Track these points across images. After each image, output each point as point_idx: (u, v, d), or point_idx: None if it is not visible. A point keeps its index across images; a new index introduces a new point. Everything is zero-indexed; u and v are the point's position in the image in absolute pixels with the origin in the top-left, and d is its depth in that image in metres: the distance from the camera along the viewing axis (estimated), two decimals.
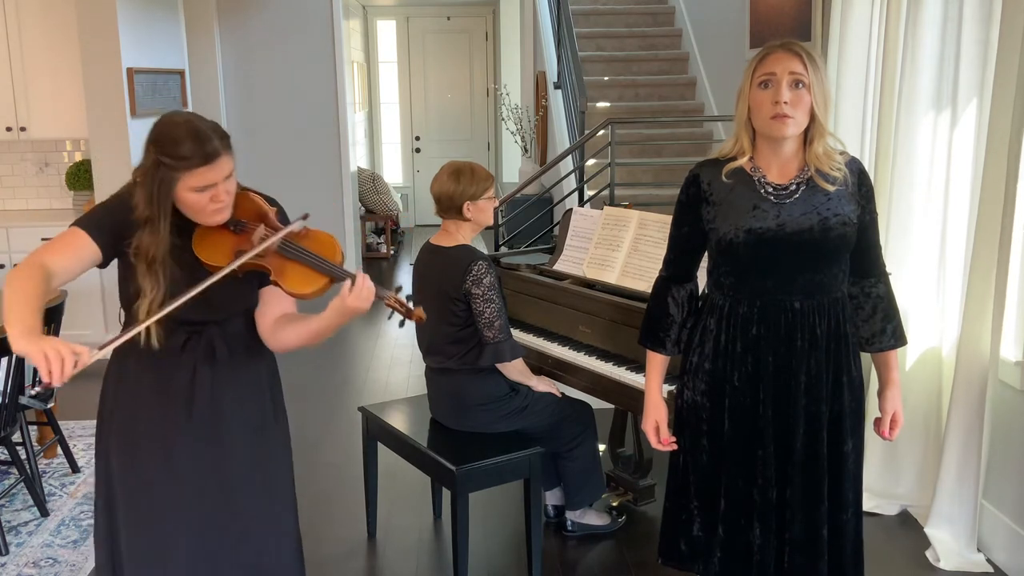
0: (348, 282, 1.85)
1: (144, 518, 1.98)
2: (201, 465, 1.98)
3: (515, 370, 2.92)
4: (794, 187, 1.99)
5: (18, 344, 1.67)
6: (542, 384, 3.01)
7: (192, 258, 1.88)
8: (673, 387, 2.51)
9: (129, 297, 1.92)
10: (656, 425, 2.20)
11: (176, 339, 1.93)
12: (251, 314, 2.04)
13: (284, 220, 2.01)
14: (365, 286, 1.85)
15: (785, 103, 1.91)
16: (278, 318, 2.01)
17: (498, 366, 2.89)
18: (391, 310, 1.95)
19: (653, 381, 2.21)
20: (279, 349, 2.04)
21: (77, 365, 1.69)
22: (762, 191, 2.00)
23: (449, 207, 2.89)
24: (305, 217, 1.95)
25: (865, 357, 2.18)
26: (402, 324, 1.99)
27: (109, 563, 2.05)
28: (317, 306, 1.92)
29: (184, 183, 1.81)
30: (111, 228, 1.87)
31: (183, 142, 1.79)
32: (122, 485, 1.99)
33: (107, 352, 1.78)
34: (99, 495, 2.06)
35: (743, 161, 2.02)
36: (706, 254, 2.15)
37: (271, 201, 2.04)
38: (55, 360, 1.65)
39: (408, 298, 1.97)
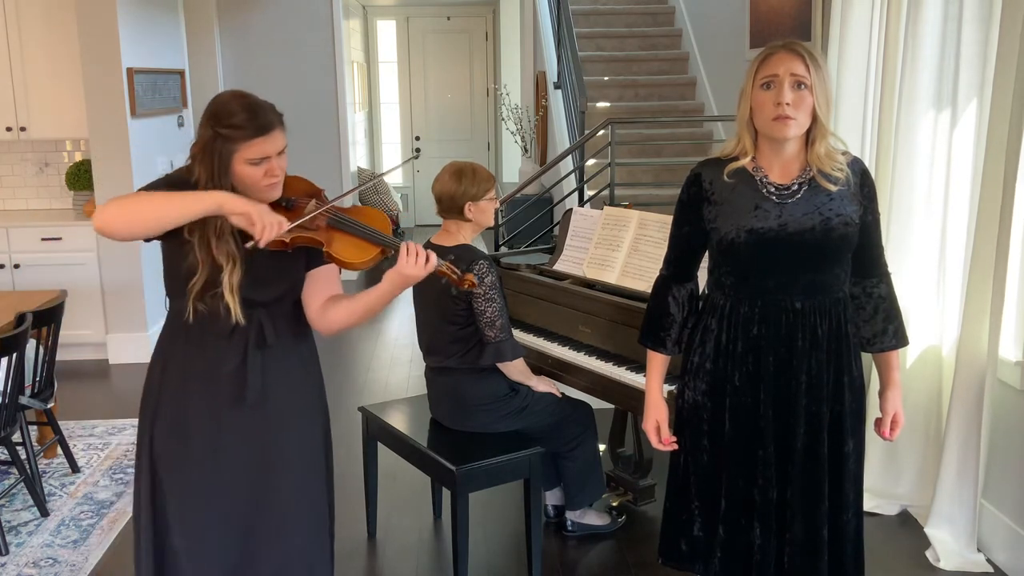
0: (404, 250, 1.92)
1: (192, 504, 1.99)
2: (249, 449, 2.01)
3: (516, 370, 2.92)
4: (796, 187, 1.99)
5: (233, 205, 1.81)
6: (542, 384, 3.01)
7: (247, 237, 1.91)
8: (673, 387, 2.52)
9: (179, 277, 1.93)
10: (657, 425, 2.20)
11: (225, 323, 1.94)
12: (295, 299, 2.06)
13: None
14: (420, 253, 1.92)
15: (787, 104, 1.91)
16: (326, 300, 2.04)
17: (499, 366, 2.89)
18: (443, 277, 2.03)
19: (653, 381, 2.21)
20: (329, 329, 2.06)
21: (280, 230, 1.84)
22: (764, 191, 2.00)
23: (450, 207, 2.90)
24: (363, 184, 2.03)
25: (866, 357, 2.18)
26: (456, 292, 2.05)
27: (151, 553, 2.04)
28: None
29: (241, 155, 1.87)
30: (167, 188, 1.90)
31: (239, 114, 1.86)
32: (168, 472, 2.00)
33: (307, 219, 1.90)
34: (141, 492, 2.04)
35: (745, 161, 2.02)
36: (707, 254, 2.15)
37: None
38: (268, 226, 1.80)
39: (458, 265, 2.01)
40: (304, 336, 2.11)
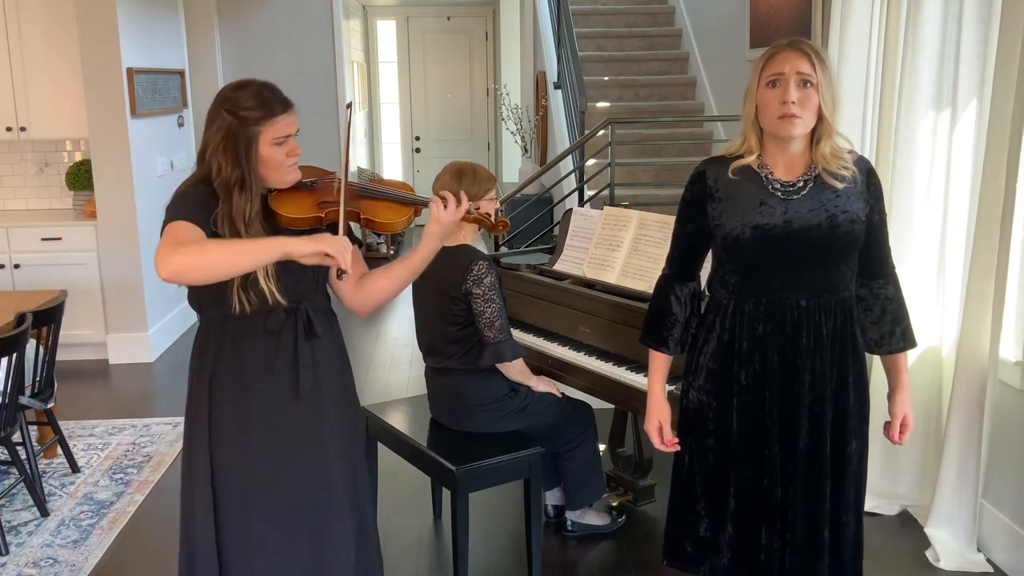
0: (435, 203, 2.03)
1: (259, 503, 2.00)
2: (307, 442, 2.02)
3: (515, 370, 2.92)
4: (802, 184, 1.99)
5: (301, 248, 1.80)
6: (542, 384, 3.01)
7: (272, 226, 1.94)
8: (674, 387, 2.51)
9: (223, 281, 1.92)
10: (659, 425, 2.18)
11: (274, 319, 1.96)
12: (326, 289, 2.10)
13: None
14: (450, 199, 2.03)
15: (793, 103, 1.91)
16: (359, 279, 2.09)
17: (498, 366, 2.89)
18: (477, 224, 2.18)
19: (656, 381, 2.20)
20: (370, 304, 2.11)
21: (351, 248, 1.87)
22: (769, 187, 1.99)
23: None
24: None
25: (871, 359, 2.17)
26: (494, 237, 2.14)
27: (213, 549, 2.02)
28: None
29: (265, 135, 1.90)
30: (201, 209, 1.89)
31: (259, 94, 1.91)
32: (231, 472, 1.99)
33: (343, 203, 1.94)
34: (195, 482, 2.02)
35: (750, 159, 2.02)
36: (709, 253, 2.14)
37: None
38: (343, 251, 1.82)
39: (497, 211, 2.21)
40: (338, 327, 2.15)
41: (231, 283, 1.90)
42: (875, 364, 2.29)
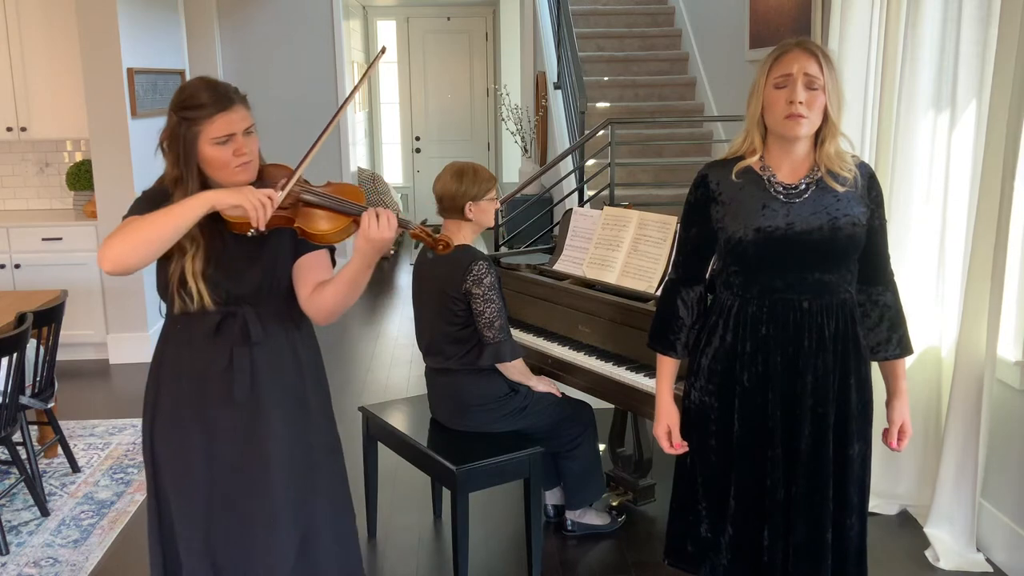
0: (366, 216, 1.88)
1: (189, 502, 2.00)
2: (242, 448, 2.00)
3: (515, 370, 2.92)
4: (804, 187, 1.99)
5: (224, 199, 1.82)
6: (542, 384, 3.01)
7: (219, 228, 1.91)
8: (676, 386, 2.51)
9: (167, 276, 1.93)
10: (668, 430, 2.18)
11: (210, 322, 1.95)
12: (281, 292, 2.03)
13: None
14: (383, 213, 1.88)
15: (800, 103, 1.91)
16: (315, 287, 2.01)
17: (498, 366, 2.90)
18: (417, 240, 2.00)
19: (664, 385, 2.19)
20: (321, 313, 2.01)
21: (274, 204, 1.85)
22: (772, 190, 2.00)
23: (451, 207, 2.90)
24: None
25: (872, 364, 2.18)
26: (431, 255, 2.01)
27: (160, 554, 2.06)
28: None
29: (206, 135, 1.88)
30: (151, 205, 1.90)
31: (199, 93, 1.89)
32: (168, 473, 2.01)
33: (290, 188, 1.90)
34: (148, 488, 2.07)
35: (753, 161, 2.02)
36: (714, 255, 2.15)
37: None
38: (260, 206, 1.81)
39: (435, 228, 2.00)
40: (301, 335, 2.09)
41: (171, 283, 1.91)
42: (875, 368, 2.29)
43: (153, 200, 1.92)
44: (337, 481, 2.19)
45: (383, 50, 2.25)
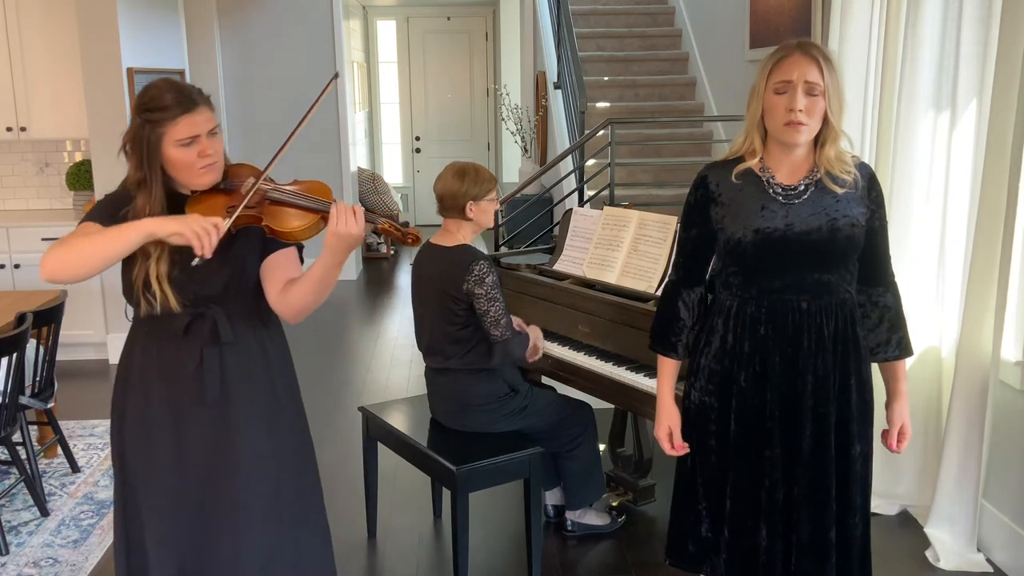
0: (333, 211, 1.85)
1: (156, 503, 1.99)
2: (211, 449, 1.99)
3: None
4: (803, 188, 1.99)
5: (164, 227, 1.77)
6: (532, 332, 3.00)
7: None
8: (677, 386, 2.51)
9: (131, 279, 1.93)
10: (669, 431, 2.18)
11: (179, 322, 1.94)
12: (250, 291, 2.01)
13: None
14: (349, 208, 1.86)
15: (800, 111, 1.91)
16: (285, 284, 1.99)
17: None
18: (383, 235, 1.97)
19: (665, 386, 2.19)
20: (291, 311, 1.98)
21: (220, 231, 1.80)
22: (771, 191, 2.00)
23: (451, 206, 2.89)
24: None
25: (874, 365, 2.17)
26: (394, 250, 1.98)
27: (125, 548, 2.05)
28: None
29: (169, 137, 1.87)
30: (110, 209, 1.91)
31: (162, 95, 1.87)
32: (136, 474, 2.01)
33: (238, 214, 1.86)
34: (115, 488, 2.07)
35: (753, 162, 2.02)
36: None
37: None
38: (204, 234, 1.76)
39: (404, 223, 1.96)
40: (269, 332, 2.08)
41: (136, 286, 1.91)
42: (875, 369, 2.29)
43: (115, 203, 1.91)
44: (309, 480, 2.18)
45: (336, 76, 2.31)
